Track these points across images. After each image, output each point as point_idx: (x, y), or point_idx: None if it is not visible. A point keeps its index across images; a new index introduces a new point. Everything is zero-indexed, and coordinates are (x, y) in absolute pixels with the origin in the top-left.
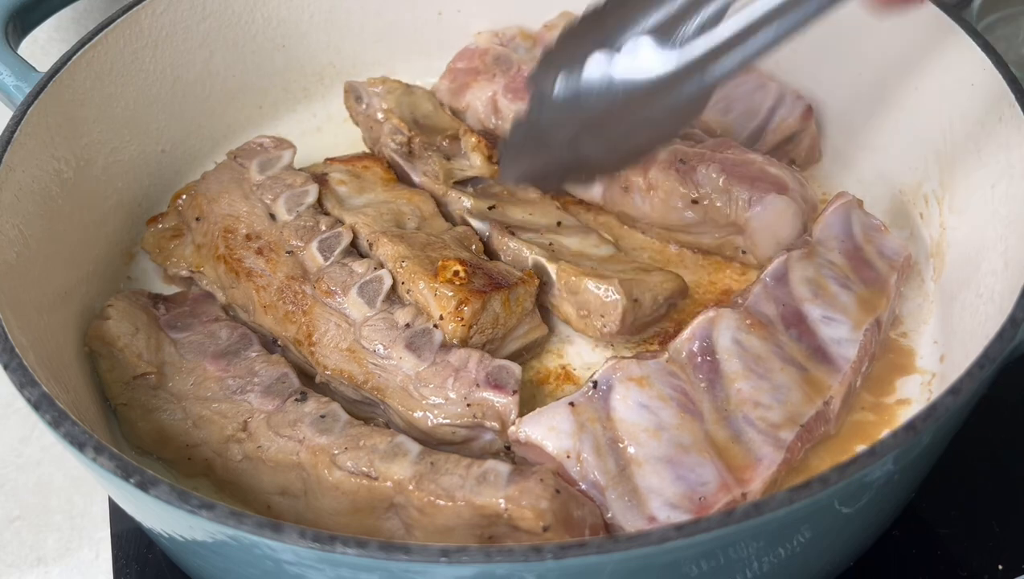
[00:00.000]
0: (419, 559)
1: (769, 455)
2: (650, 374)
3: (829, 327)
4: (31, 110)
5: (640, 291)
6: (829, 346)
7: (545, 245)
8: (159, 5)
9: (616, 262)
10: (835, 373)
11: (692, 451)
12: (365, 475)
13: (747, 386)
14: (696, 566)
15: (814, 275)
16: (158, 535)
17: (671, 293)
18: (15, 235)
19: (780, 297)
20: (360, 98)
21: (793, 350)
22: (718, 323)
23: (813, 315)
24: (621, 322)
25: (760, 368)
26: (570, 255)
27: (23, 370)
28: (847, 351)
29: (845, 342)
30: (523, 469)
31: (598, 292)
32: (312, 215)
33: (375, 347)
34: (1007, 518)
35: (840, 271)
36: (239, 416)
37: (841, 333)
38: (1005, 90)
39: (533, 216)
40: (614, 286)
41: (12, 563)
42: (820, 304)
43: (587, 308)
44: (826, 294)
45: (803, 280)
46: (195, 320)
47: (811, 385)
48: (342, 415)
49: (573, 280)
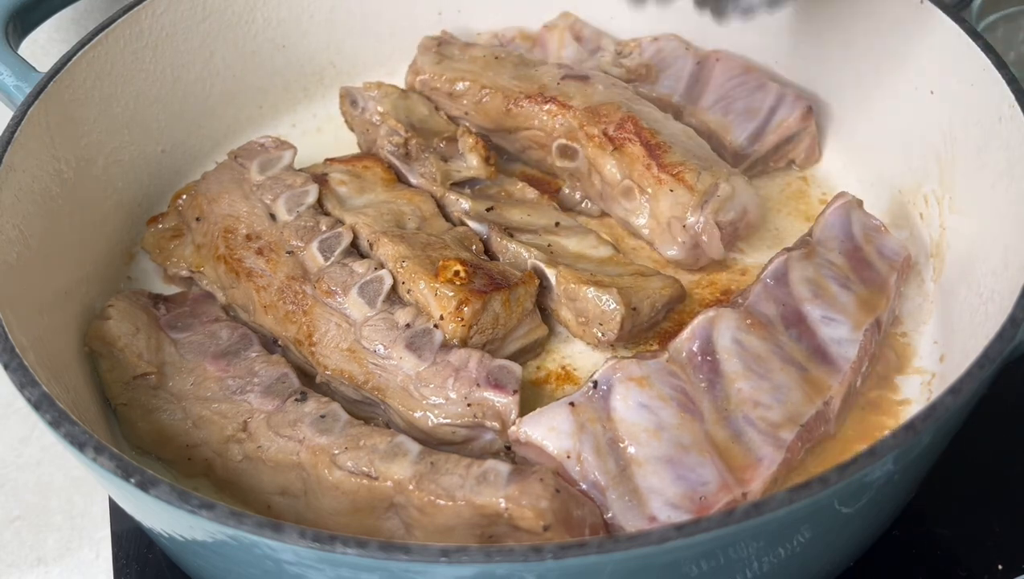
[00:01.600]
0: (419, 559)
1: (769, 455)
2: (650, 374)
3: (829, 327)
4: (31, 110)
5: (639, 299)
6: (829, 346)
7: (544, 247)
8: (159, 5)
9: (615, 264)
10: (835, 373)
11: (692, 451)
12: (365, 475)
13: (747, 386)
14: (696, 566)
15: (814, 275)
16: (158, 535)
17: (669, 299)
18: (15, 235)
19: (780, 297)
20: (356, 102)
21: (793, 350)
22: (718, 323)
23: (813, 315)
24: (619, 331)
25: (760, 368)
26: (568, 257)
27: (23, 370)
28: (847, 351)
29: (845, 342)
30: (523, 469)
31: (597, 301)
32: (312, 215)
33: (375, 347)
34: (1007, 518)
35: (840, 271)
36: (239, 416)
37: (841, 333)
38: (1005, 90)
39: (531, 217)
40: (613, 296)
41: (12, 563)
42: (820, 304)
43: (585, 315)
44: (826, 294)
45: (803, 280)
46: (195, 320)
47: (811, 385)
48: (342, 415)
49: (572, 287)
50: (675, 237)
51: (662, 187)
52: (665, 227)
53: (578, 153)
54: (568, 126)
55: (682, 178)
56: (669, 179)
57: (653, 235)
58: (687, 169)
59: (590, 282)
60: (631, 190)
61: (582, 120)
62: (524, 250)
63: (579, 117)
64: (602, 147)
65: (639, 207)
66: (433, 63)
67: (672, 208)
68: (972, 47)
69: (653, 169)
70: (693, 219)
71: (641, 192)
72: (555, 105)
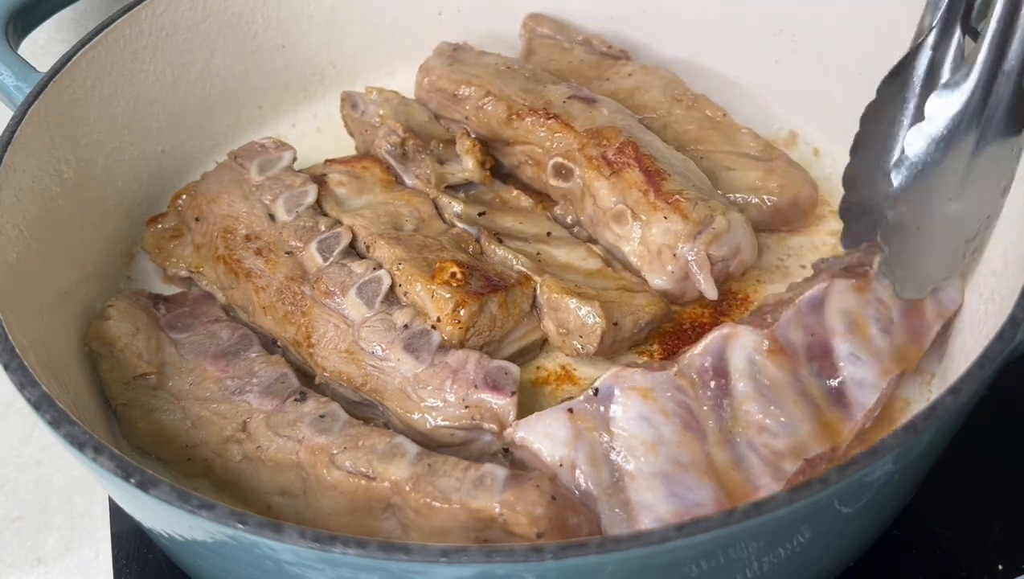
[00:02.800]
0: (419, 559)
1: (767, 485)
2: (655, 386)
3: (855, 366)
4: (31, 110)
5: (621, 314)
6: (849, 387)
7: (532, 255)
8: (159, 5)
9: (602, 277)
10: (848, 420)
11: (691, 470)
12: (363, 475)
13: (756, 409)
14: (696, 566)
15: (853, 308)
16: (158, 535)
17: (652, 318)
18: (15, 235)
19: (810, 325)
20: (356, 105)
21: (811, 386)
22: (733, 341)
23: (841, 350)
24: (599, 344)
25: (773, 395)
26: (556, 267)
27: (23, 370)
28: (866, 397)
29: (867, 387)
30: (520, 474)
31: (579, 313)
32: (311, 216)
33: (373, 348)
34: (1007, 518)
35: (886, 312)
36: (238, 416)
37: (866, 376)
38: None
39: (523, 225)
40: (595, 309)
41: (12, 563)
42: (852, 340)
43: (567, 326)
44: (861, 333)
45: (840, 312)
46: (195, 320)
47: (822, 425)
48: (341, 415)
49: (555, 297)
50: (664, 266)
51: (656, 213)
52: (655, 255)
53: (573, 173)
54: (567, 145)
55: (678, 206)
56: (664, 206)
57: (642, 262)
58: (684, 198)
59: (573, 293)
60: (624, 215)
61: (583, 141)
62: (511, 256)
63: (580, 138)
64: (599, 170)
65: (630, 233)
66: (444, 65)
67: (664, 236)
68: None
69: (650, 195)
70: (684, 249)
71: (634, 217)
72: (557, 123)
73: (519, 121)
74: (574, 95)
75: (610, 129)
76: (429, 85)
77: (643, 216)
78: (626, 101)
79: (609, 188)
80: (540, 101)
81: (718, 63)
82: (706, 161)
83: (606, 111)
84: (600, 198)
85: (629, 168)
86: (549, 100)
